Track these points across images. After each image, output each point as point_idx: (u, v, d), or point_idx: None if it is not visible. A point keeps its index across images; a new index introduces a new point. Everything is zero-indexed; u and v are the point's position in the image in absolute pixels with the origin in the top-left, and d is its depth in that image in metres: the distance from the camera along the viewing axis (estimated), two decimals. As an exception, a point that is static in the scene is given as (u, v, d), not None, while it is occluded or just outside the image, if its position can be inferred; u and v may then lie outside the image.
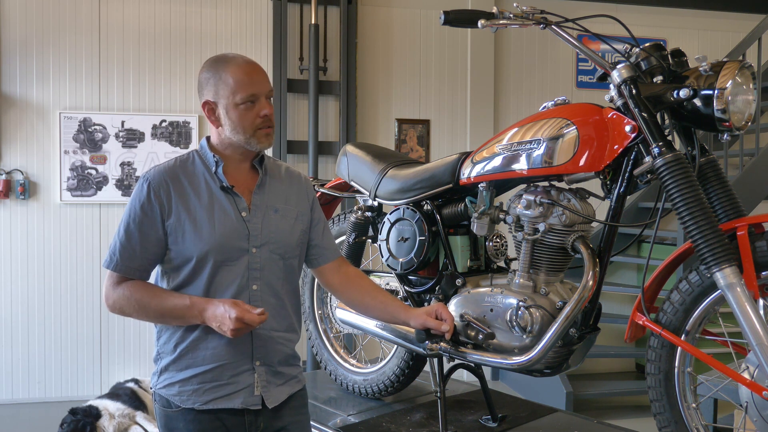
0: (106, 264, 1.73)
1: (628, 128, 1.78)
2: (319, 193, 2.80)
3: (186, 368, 1.73)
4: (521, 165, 1.95)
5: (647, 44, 1.82)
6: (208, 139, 1.82)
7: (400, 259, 2.34)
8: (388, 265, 2.42)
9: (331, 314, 2.89)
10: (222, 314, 1.62)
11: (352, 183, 2.61)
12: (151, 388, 1.81)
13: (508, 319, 1.97)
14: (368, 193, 2.50)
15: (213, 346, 1.72)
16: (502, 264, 2.29)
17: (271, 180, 1.84)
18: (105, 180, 5.02)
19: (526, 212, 1.97)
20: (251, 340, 1.75)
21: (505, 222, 2.04)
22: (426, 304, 2.30)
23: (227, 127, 1.74)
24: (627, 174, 1.84)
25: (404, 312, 1.93)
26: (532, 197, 1.95)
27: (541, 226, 1.93)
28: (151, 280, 1.80)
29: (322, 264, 1.95)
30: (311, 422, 2.04)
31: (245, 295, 1.74)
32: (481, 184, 2.09)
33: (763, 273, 1.65)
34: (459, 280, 2.18)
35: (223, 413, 1.73)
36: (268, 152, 2.08)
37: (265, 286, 1.77)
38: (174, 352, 1.74)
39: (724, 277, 1.62)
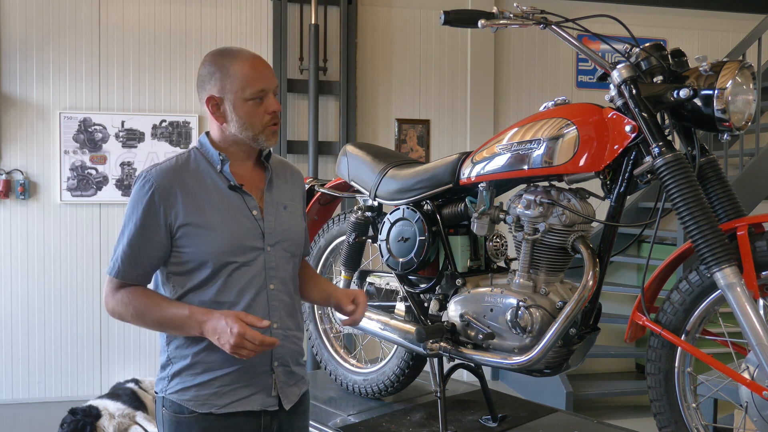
0: (107, 269, 1.67)
1: (628, 128, 1.78)
2: (319, 193, 2.80)
3: (203, 372, 1.66)
4: (521, 165, 1.95)
5: (647, 44, 1.81)
6: (207, 134, 1.75)
7: (400, 259, 2.34)
8: (388, 265, 2.41)
9: (330, 314, 2.89)
10: (223, 328, 1.55)
11: (352, 183, 2.61)
12: (156, 394, 1.72)
13: (508, 319, 1.97)
14: (368, 193, 2.50)
15: None
16: (502, 264, 2.29)
17: (277, 177, 1.81)
18: (105, 180, 5.02)
19: (526, 212, 1.97)
20: None
21: (505, 222, 2.04)
22: (426, 304, 2.31)
23: (234, 123, 1.67)
24: (627, 174, 1.84)
25: (332, 287, 1.97)
26: (532, 197, 1.95)
27: (541, 226, 1.93)
28: (152, 285, 1.74)
29: None
30: (312, 422, 2.04)
31: (263, 295, 1.70)
32: (481, 184, 2.09)
33: (763, 273, 1.65)
34: (459, 280, 2.18)
35: (240, 417, 1.68)
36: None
37: (281, 284, 1.74)
38: (189, 357, 1.66)
39: (724, 277, 1.61)
